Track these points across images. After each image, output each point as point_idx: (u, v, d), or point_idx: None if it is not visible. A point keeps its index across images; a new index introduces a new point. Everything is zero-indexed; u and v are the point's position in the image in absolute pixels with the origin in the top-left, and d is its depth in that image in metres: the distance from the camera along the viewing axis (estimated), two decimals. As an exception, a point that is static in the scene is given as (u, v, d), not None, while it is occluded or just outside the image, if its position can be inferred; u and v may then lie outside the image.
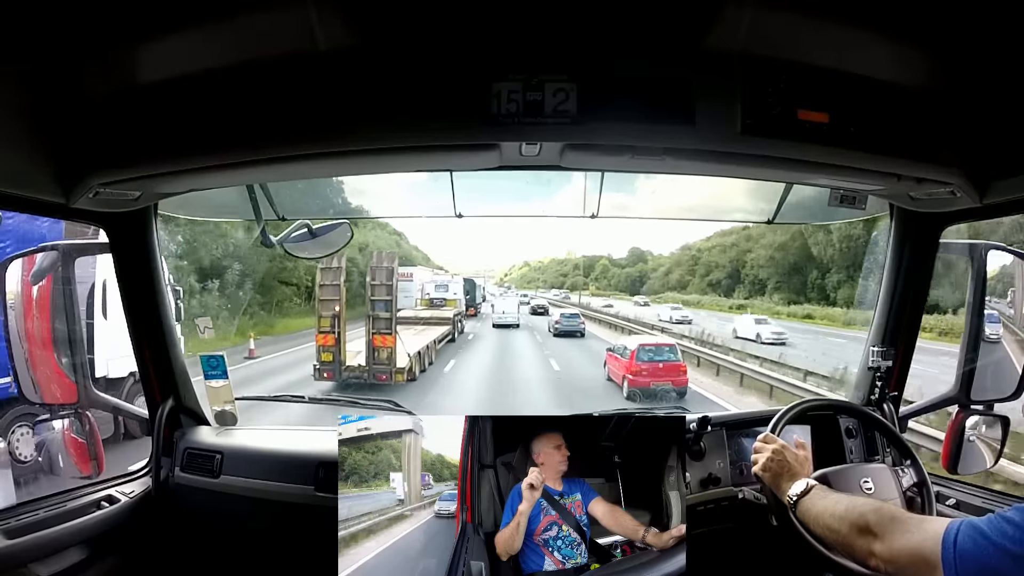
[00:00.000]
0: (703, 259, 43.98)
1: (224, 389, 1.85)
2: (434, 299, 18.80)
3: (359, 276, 23.66)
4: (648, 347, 11.19)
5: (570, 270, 71.86)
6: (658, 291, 46.56)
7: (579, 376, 12.73)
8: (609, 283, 57.51)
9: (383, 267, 10.66)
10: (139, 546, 1.64)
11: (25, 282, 1.54)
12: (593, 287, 57.03)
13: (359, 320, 11.07)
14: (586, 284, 60.01)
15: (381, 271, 10.58)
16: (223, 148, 1.16)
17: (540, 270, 79.82)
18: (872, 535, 0.95)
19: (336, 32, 1.04)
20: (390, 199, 2.00)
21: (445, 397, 10.36)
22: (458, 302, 19.10)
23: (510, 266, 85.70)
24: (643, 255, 58.61)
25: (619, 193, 1.74)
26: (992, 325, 1.66)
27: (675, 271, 47.82)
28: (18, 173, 1.13)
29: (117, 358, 5.95)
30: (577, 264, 70.69)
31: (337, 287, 9.99)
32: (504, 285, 63.37)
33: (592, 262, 65.02)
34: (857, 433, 1.69)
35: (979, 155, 1.21)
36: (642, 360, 10.66)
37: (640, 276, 54.32)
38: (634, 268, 57.22)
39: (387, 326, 10.24)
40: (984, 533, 0.80)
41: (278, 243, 1.67)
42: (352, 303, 11.01)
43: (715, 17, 1.02)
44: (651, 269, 54.30)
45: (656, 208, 2.31)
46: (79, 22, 0.99)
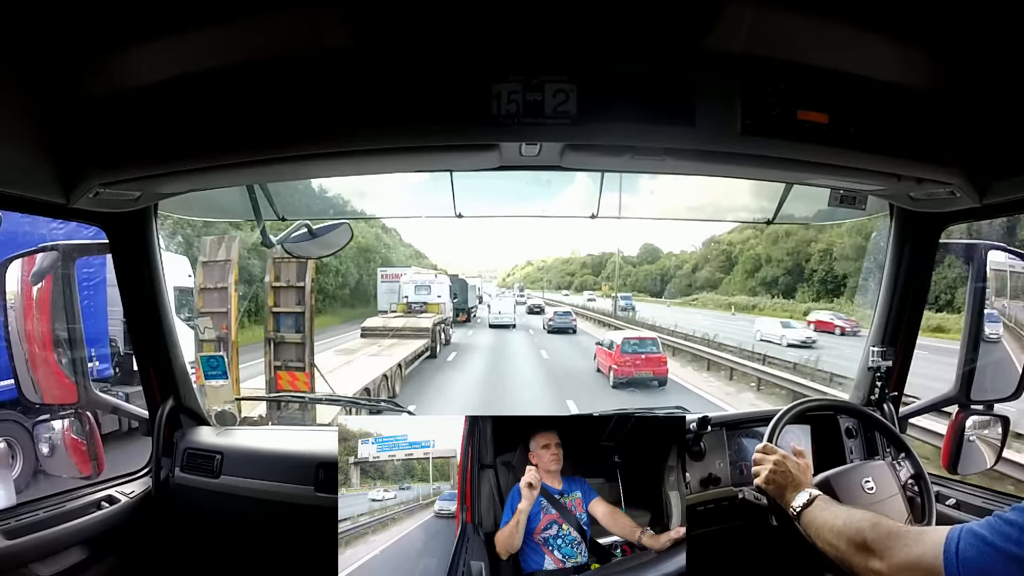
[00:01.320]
0: (740, 253, 38.37)
1: (224, 389, 1.85)
2: (413, 303, 16.51)
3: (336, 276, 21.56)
4: (632, 340, 12.37)
5: (577, 269, 68.01)
6: (687, 291, 40.89)
7: (569, 367, 14.31)
8: (624, 282, 51.88)
9: (286, 263, 6.39)
10: (139, 546, 1.64)
11: (25, 282, 1.54)
12: (606, 286, 51.53)
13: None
14: (596, 283, 55.47)
15: (289, 268, 6.42)
16: (223, 148, 1.16)
17: (544, 270, 76.96)
18: (870, 553, 0.94)
19: (336, 32, 1.04)
20: (390, 199, 2.01)
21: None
22: (442, 307, 16.74)
23: (513, 266, 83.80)
24: (656, 252, 54.27)
25: (619, 193, 1.74)
26: (992, 325, 1.66)
27: (704, 268, 42.85)
28: (18, 173, 1.13)
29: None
30: (585, 262, 66.72)
31: (224, 292, 5.99)
32: (516, 286, 59.53)
33: (602, 260, 60.89)
34: (857, 433, 1.69)
35: (979, 155, 1.21)
36: (626, 352, 11.74)
37: (662, 274, 49.61)
38: (653, 265, 52.48)
39: (298, 356, 6.50)
40: (985, 539, 0.79)
41: (278, 243, 1.67)
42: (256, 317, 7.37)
43: (715, 17, 1.02)
44: (673, 266, 49.10)
45: (656, 208, 2.32)
46: (79, 22, 0.99)
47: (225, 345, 5.72)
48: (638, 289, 48.06)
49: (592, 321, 28.27)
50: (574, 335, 20.97)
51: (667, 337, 17.25)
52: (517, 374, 13.39)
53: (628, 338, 12.53)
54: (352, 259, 26.13)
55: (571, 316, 23.76)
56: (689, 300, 37.54)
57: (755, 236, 36.42)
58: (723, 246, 41.12)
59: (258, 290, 7.43)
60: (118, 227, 1.56)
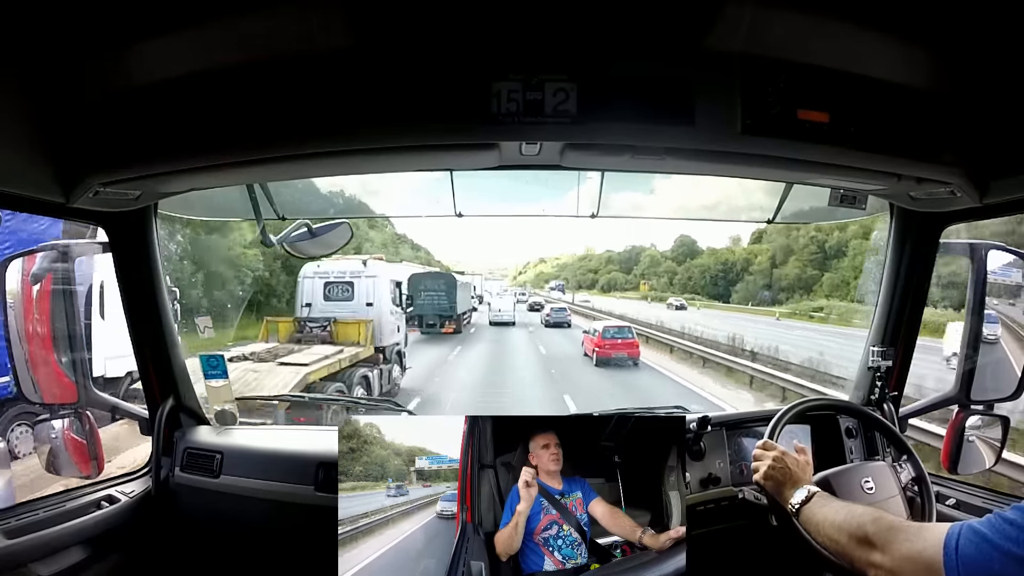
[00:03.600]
0: (841, 243, 25.59)
1: (224, 389, 1.85)
2: (310, 323, 9.11)
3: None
4: (611, 328, 15.11)
5: (600, 265, 56.26)
6: (768, 294, 28.62)
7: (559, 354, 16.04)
8: (671, 281, 40.62)
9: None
10: (139, 546, 1.64)
11: (25, 282, 1.54)
12: (646, 286, 41.02)
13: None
14: (629, 282, 43.97)
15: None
16: (223, 148, 1.16)
17: (560, 267, 68.74)
18: (871, 546, 0.95)
19: (336, 32, 1.04)
20: (390, 198, 2.00)
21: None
22: (374, 328, 9.13)
23: (525, 263, 77.10)
24: (693, 246, 43.10)
25: (619, 193, 1.74)
26: (991, 325, 1.66)
27: (789, 262, 29.91)
28: (18, 173, 1.13)
29: (115, 357, 5.94)
30: (611, 258, 54.99)
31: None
32: (552, 284, 48.40)
33: (634, 254, 50.36)
34: (857, 433, 1.70)
35: (979, 155, 1.21)
36: (606, 338, 14.46)
37: (724, 271, 35.87)
38: (708, 259, 38.21)
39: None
40: (986, 537, 0.79)
41: (278, 243, 1.67)
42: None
43: (715, 17, 1.02)
44: (741, 260, 35.54)
45: (656, 208, 2.32)
46: (79, 22, 0.99)
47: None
48: (691, 290, 37.45)
49: (670, 352, 17.17)
50: (568, 328, 22.49)
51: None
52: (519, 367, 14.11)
53: (608, 326, 15.28)
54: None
55: (566, 312, 25.84)
56: (803, 309, 23.38)
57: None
58: (811, 232, 29.12)
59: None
60: (118, 227, 1.56)
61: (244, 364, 7.47)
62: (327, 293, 9.97)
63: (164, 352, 1.74)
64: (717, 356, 15.06)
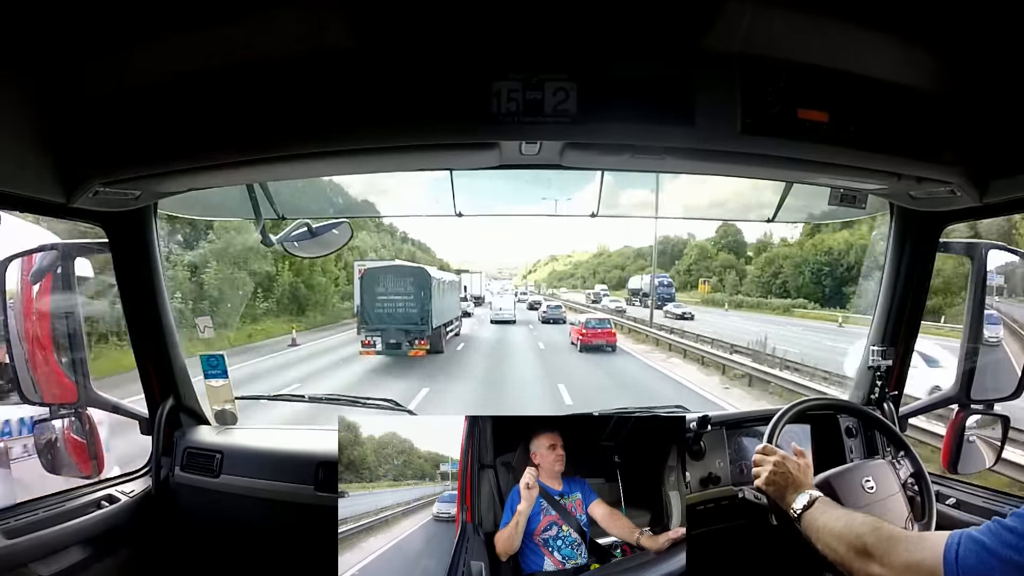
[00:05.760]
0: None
1: (224, 388, 1.85)
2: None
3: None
4: (592, 320, 18.55)
5: (627, 261, 45.93)
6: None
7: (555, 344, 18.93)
8: (740, 283, 30.86)
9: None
10: (139, 546, 1.64)
11: (25, 282, 1.54)
12: (705, 286, 31.67)
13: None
14: (687, 281, 32.70)
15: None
16: (223, 148, 1.16)
17: (574, 265, 60.96)
18: (870, 557, 0.94)
19: (336, 32, 1.04)
20: (390, 197, 2.00)
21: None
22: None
23: (535, 261, 71.45)
24: (740, 240, 34.70)
25: (621, 191, 1.74)
26: (992, 326, 1.65)
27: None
28: (18, 173, 1.13)
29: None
30: (640, 252, 44.23)
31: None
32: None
33: (669, 247, 39.55)
34: (857, 432, 1.69)
35: (979, 154, 1.21)
36: (588, 328, 17.58)
37: (829, 267, 25.32)
38: (794, 250, 27.67)
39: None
40: (985, 545, 0.79)
41: (278, 242, 1.67)
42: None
43: (715, 16, 1.02)
44: (845, 247, 25.69)
45: (660, 206, 2.31)
46: (79, 22, 0.99)
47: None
48: (776, 291, 30.26)
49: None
50: (564, 324, 24.42)
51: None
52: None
53: (590, 319, 18.83)
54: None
55: (561, 308, 28.65)
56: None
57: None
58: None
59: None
60: (118, 226, 1.56)
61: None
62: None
63: (164, 352, 1.74)
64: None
